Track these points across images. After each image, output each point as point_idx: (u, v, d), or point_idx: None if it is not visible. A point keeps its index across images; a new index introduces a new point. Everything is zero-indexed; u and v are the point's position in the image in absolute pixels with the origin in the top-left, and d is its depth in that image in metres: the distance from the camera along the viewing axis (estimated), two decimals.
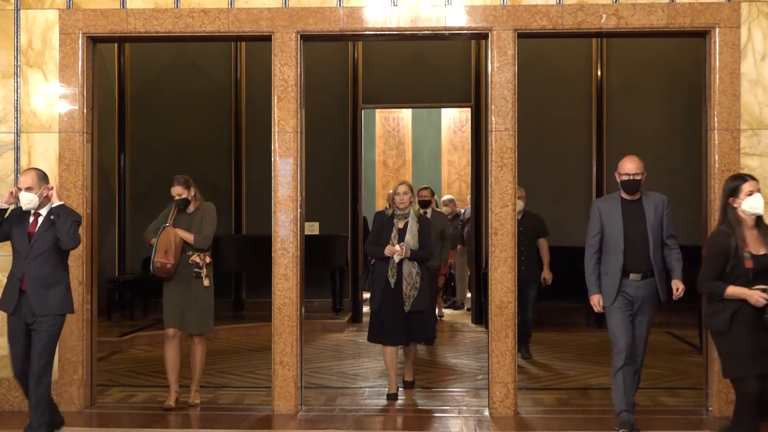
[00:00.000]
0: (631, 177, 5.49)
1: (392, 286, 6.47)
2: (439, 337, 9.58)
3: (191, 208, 6.46)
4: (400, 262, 6.46)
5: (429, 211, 8.60)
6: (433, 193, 9.39)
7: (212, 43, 9.55)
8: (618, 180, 5.56)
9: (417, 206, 6.79)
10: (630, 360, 5.45)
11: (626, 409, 5.42)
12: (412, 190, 6.70)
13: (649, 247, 5.46)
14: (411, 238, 6.51)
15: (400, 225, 6.57)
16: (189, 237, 6.25)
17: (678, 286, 5.48)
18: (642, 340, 5.59)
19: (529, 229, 7.93)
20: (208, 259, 6.32)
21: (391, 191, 6.72)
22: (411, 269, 6.50)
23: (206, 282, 6.27)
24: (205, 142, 11.26)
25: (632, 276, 5.48)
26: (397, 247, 6.44)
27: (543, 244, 8.18)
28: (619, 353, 5.47)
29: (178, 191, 6.47)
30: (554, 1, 6.09)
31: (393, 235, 6.53)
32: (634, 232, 5.48)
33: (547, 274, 8.17)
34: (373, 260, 6.67)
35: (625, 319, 5.50)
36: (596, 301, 5.60)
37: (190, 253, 6.25)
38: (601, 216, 5.56)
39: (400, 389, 6.80)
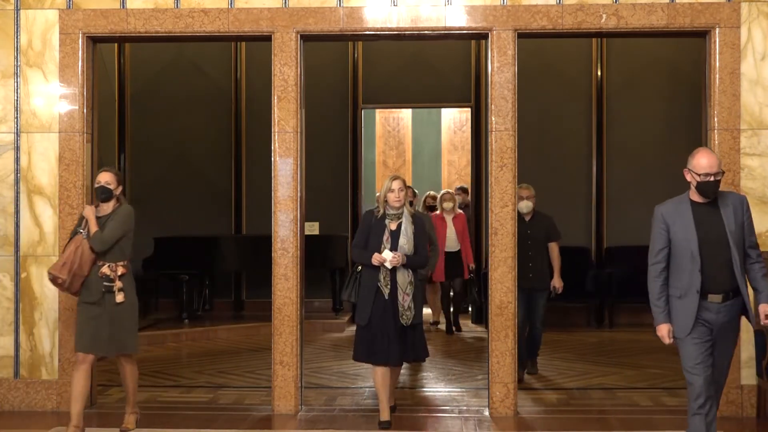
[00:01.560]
0: (712, 177, 4.44)
1: (386, 297, 5.67)
2: (439, 338, 9.58)
3: (107, 209, 5.51)
4: (394, 269, 5.67)
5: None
6: (415, 194, 8.40)
7: (212, 43, 9.55)
8: (691, 180, 4.53)
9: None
10: (709, 403, 4.46)
11: None
12: (407, 186, 5.98)
13: (732, 261, 4.43)
14: (406, 241, 5.70)
15: (393, 226, 5.75)
16: (92, 229, 5.40)
17: (767, 311, 4.49)
18: (722, 372, 4.62)
19: (540, 232, 7.30)
20: (121, 270, 5.44)
21: (381, 190, 5.86)
22: (406, 278, 5.71)
23: (119, 297, 5.40)
24: (205, 142, 11.28)
25: (711, 297, 4.45)
26: (388, 254, 5.63)
27: (554, 248, 7.41)
28: (695, 397, 4.46)
29: (105, 178, 5.48)
30: (554, 1, 6.09)
31: (385, 238, 5.72)
32: (711, 243, 4.45)
33: (557, 282, 7.36)
34: (360, 267, 5.82)
35: (704, 352, 4.47)
36: (666, 332, 4.52)
37: (101, 263, 5.41)
38: (667, 225, 4.52)
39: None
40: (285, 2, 6.18)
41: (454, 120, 14.94)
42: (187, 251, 10.30)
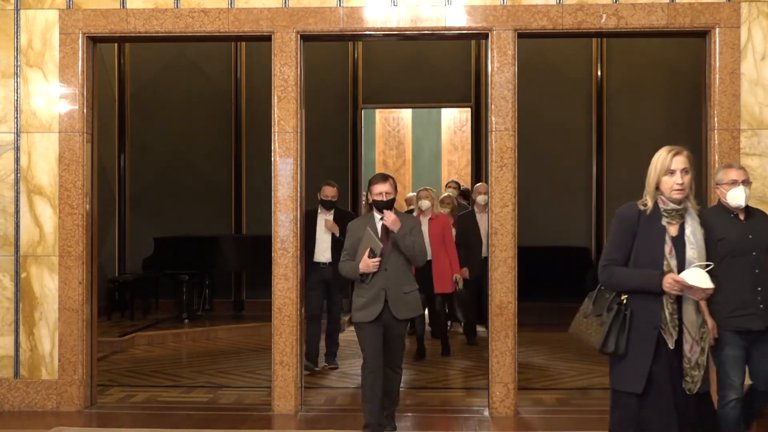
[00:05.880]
0: None
1: (671, 346, 3.64)
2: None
3: None
4: (679, 301, 3.64)
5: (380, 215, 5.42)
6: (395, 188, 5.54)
7: (212, 43, 9.55)
8: None
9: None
10: None
11: None
12: (692, 165, 3.75)
13: None
14: (696, 253, 3.64)
15: (673, 231, 3.71)
16: None
17: None
18: None
19: (764, 236, 4.60)
20: None
21: (651, 169, 3.81)
22: (698, 315, 3.66)
23: None
24: (205, 142, 11.28)
25: None
26: (694, 276, 3.54)
27: None
28: None
29: None
30: (554, 1, 6.09)
31: (667, 249, 3.66)
32: None
33: None
34: (625, 298, 3.72)
35: None
36: None
37: None
38: None
39: None
40: (285, 2, 6.17)
41: (454, 120, 14.94)
42: (187, 251, 10.31)
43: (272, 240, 6.20)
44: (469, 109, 11.47)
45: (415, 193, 8.91)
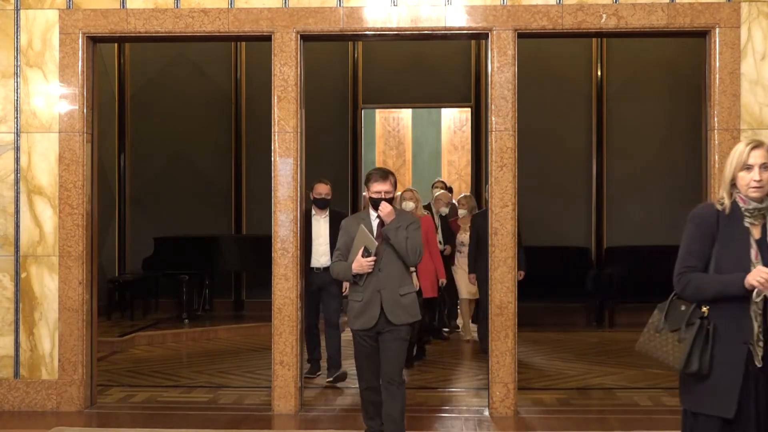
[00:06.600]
0: None
1: (758, 364, 3.27)
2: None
3: None
4: (764, 311, 3.25)
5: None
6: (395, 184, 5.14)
7: (212, 43, 9.56)
8: None
9: None
10: None
11: None
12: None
13: None
14: None
15: (757, 233, 3.34)
16: None
17: None
18: None
19: None
20: None
21: (727, 165, 3.37)
22: None
23: None
24: (205, 142, 11.28)
25: None
26: None
27: None
28: None
29: None
30: (554, 1, 6.09)
31: (753, 254, 3.29)
32: None
33: None
34: (706, 308, 3.32)
35: None
36: None
37: None
38: None
39: None
40: (285, 2, 6.17)
41: (454, 120, 14.95)
42: (187, 251, 10.32)
43: (272, 240, 6.20)
44: (469, 109, 11.48)
45: (399, 194, 8.36)
